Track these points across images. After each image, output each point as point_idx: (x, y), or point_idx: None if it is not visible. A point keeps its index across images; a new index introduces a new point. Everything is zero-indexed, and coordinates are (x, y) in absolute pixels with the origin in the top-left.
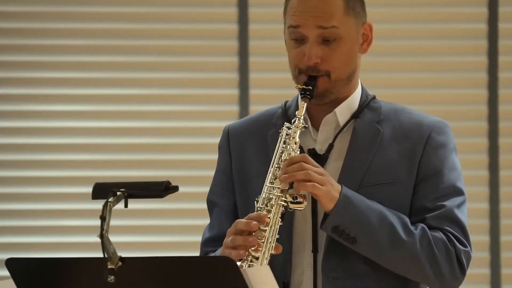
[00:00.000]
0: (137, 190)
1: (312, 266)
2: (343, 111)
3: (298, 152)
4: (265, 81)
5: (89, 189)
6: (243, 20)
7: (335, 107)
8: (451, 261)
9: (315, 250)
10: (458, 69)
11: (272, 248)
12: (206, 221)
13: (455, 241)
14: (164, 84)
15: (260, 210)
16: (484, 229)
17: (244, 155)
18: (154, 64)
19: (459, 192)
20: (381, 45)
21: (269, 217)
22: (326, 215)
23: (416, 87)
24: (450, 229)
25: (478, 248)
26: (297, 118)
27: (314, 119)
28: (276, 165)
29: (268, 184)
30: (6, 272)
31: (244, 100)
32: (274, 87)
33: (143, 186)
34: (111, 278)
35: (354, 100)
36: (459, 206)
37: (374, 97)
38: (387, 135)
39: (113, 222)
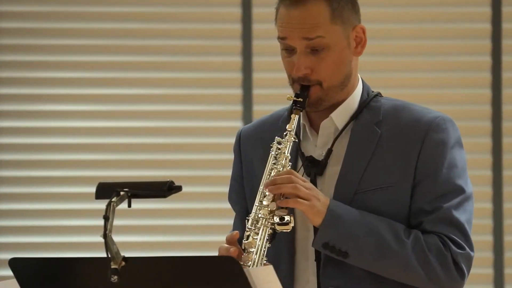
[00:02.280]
0: (140, 190)
1: (316, 275)
2: (340, 115)
3: (289, 168)
4: (268, 81)
5: (92, 189)
6: (246, 20)
7: (332, 111)
8: (447, 266)
9: (318, 259)
10: (461, 69)
11: None
12: (209, 220)
13: (451, 244)
14: (168, 84)
15: (248, 231)
16: (487, 229)
17: (253, 159)
18: (157, 64)
19: (458, 191)
20: (384, 45)
21: (255, 238)
22: (316, 230)
23: (419, 87)
24: (446, 232)
25: (481, 248)
26: (288, 132)
27: (313, 123)
28: (265, 183)
29: (257, 204)
30: (9, 272)
31: (247, 100)
32: (277, 87)
33: (146, 186)
34: (115, 278)
35: (352, 101)
36: (458, 205)
37: (376, 95)
38: (385, 136)
39: (117, 222)
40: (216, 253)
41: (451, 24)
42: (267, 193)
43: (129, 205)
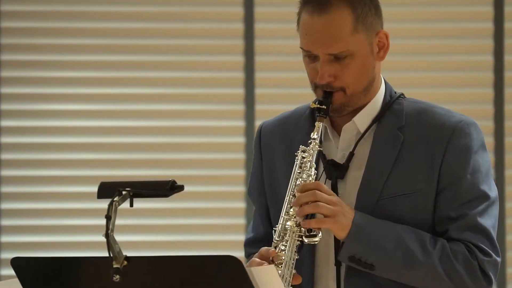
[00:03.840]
0: (142, 189)
1: (335, 280)
2: (363, 118)
3: (314, 177)
4: (271, 80)
5: (94, 188)
6: (249, 19)
7: (355, 115)
8: (474, 274)
9: (338, 263)
10: (464, 68)
11: (289, 283)
12: (212, 220)
13: (477, 252)
14: (170, 83)
15: (275, 243)
16: None
17: (273, 157)
18: (159, 63)
19: (483, 196)
20: None
21: (282, 250)
22: (341, 243)
23: (422, 86)
24: (472, 240)
25: None
26: (312, 140)
27: (335, 125)
28: (291, 193)
29: (283, 216)
30: (11, 271)
31: (249, 99)
32: (280, 86)
33: (148, 185)
34: (117, 277)
35: (375, 104)
36: (483, 211)
37: (399, 96)
38: (408, 141)
39: (119, 221)
40: (218, 252)
41: (453, 24)
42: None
43: (131, 205)
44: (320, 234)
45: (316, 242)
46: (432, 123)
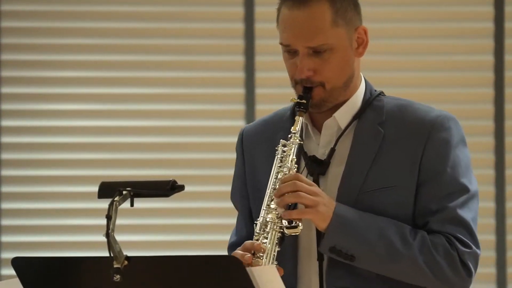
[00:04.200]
0: (143, 189)
1: (318, 274)
2: (343, 114)
3: (295, 170)
4: (271, 80)
5: (95, 188)
6: (249, 19)
7: (335, 111)
8: (454, 265)
9: (320, 258)
10: (464, 68)
11: None
12: (212, 220)
13: (457, 243)
14: (170, 83)
15: (257, 235)
16: (490, 228)
17: (255, 159)
18: (160, 63)
19: (463, 190)
20: (387, 44)
21: (264, 243)
22: (321, 234)
23: (422, 86)
24: (452, 232)
25: (484, 247)
26: (292, 134)
27: (316, 122)
28: (272, 187)
29: (264, 208)
30: (12, 271)
31: (250, 99)
32: (280, 86)
33: (149, 185)
34: (117, 277)
35: (355, 101)
36: (463, 204)
37: (379, 94)
38: (389, 136)
39: (119, 221)
40: (219, 252)
41: (454, 23)
42: (273, 197)
43: (132, 204)
44: (301, 226)
45: (297, 233)
46: (412, 118)
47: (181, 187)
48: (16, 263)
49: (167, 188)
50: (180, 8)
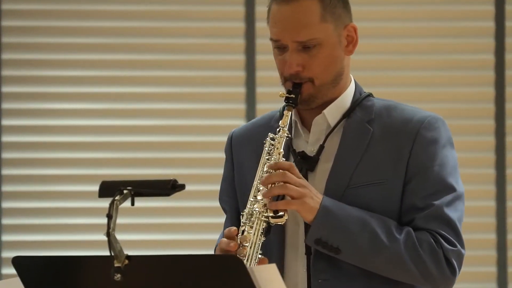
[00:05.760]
0: (144, 188)
1: (306, 268)
2: (333, 112)
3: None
4: (272, 79)
5: (96, 187)
6: (250, 18)
7: (325, 109)
8: (438, 262)
9: (308, 252)
10: (465, 67)
11: (255, 264)
12: (212, 219)
13: (443, 241)
14: (171, 82)
15: (243, 226)
16: (491, 227)
17: (244, 161)
18: (161, 62)
19: (450, 189)
20: (387, 43)
21: (249, 232)
22: (308, 226)
23: (423, 85)
24: (438, 229)
25: (484, 246)
26: (280, 128)
27: (305, 120)
28: (260, 179)
29: (251, 199)
30: (12, 270)
31: (250, 98)
32: (281, 85)
33: (150, 184)
34: (118, 276)
35: (344, 99)
36: (449, 203)
37: (368, 95)
38: (377, 134)
39: (120, 220)
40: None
41: (455, 22)
42: (260, 188)
43: (133, 204)
44: (286, 216)
45: (282, 223)
46: (401, 117)
47: (182, 186)
48: (17, 262)
49: (168, 187)
50: (180, 7)
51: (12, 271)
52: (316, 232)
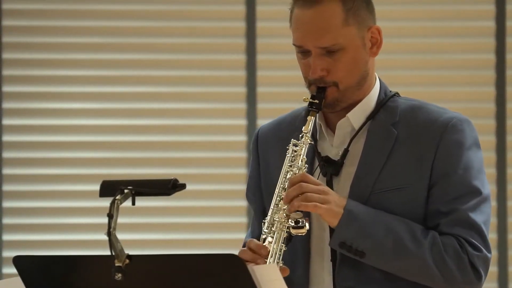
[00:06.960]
0: (144, 188)
1: (332, 274)
2: (357, 115)
3: (305, 170)
4: (273, 79)
5: (96, 187)
6: (250, 18)
7: (349, 111)
8: (463, 268)
9: (333, 259)
10: (466, 67)
11: None
12: (213, 219)
13: (468, 246)
14: (172, 82)
15: (264, 235)
16: (491, 227)
17: (270, 159)
18: (161, 62)
19: (475, 192)
20: (388, 43)
21: (270, 242)
22: (332, 230)
23: (424, 85)
24: (463, 234)
25: None
26: (303, 134)
27: (330, 123)
28: (281, 186)
29: (272, 207)
30: (13, 270)
31: (251, 98)
32: (282, 85)
33: (150, 184)
34: (119, 276)
35: (369, 101)
36: (475, 207)
37: (394, 95)
38: (402, 137)
39: (121, 220)
40: (220, 251)
41: (455, 22)
42: (282, 196)
43: (133, 203)
44: (307, 226)
45: (303, 234)
46: (425, 119)
47: (183, 186)
48: (18, 261)
49: (168, 187)
50: (181, 7)
51: (13, 270)
52: (340, 236)
